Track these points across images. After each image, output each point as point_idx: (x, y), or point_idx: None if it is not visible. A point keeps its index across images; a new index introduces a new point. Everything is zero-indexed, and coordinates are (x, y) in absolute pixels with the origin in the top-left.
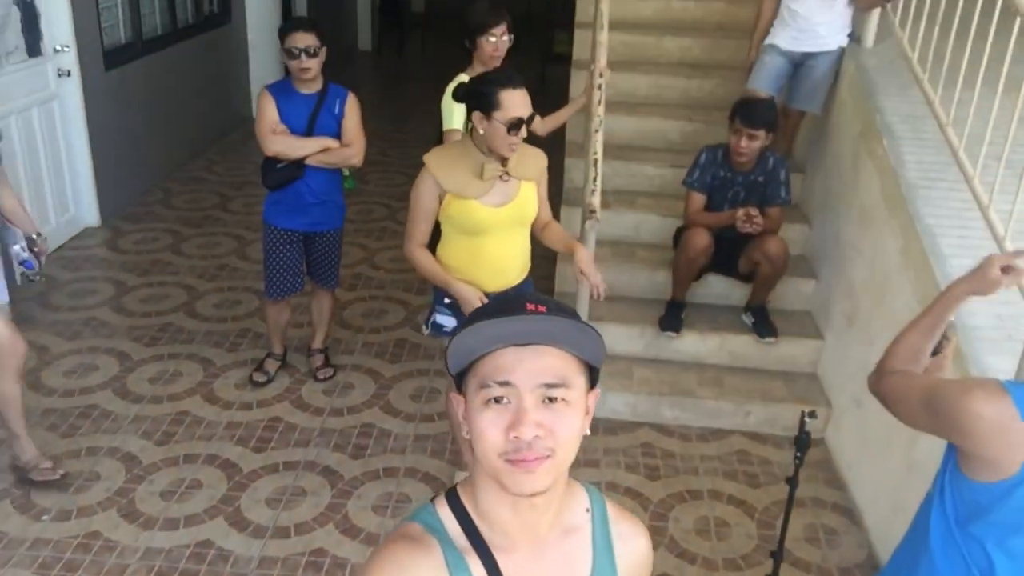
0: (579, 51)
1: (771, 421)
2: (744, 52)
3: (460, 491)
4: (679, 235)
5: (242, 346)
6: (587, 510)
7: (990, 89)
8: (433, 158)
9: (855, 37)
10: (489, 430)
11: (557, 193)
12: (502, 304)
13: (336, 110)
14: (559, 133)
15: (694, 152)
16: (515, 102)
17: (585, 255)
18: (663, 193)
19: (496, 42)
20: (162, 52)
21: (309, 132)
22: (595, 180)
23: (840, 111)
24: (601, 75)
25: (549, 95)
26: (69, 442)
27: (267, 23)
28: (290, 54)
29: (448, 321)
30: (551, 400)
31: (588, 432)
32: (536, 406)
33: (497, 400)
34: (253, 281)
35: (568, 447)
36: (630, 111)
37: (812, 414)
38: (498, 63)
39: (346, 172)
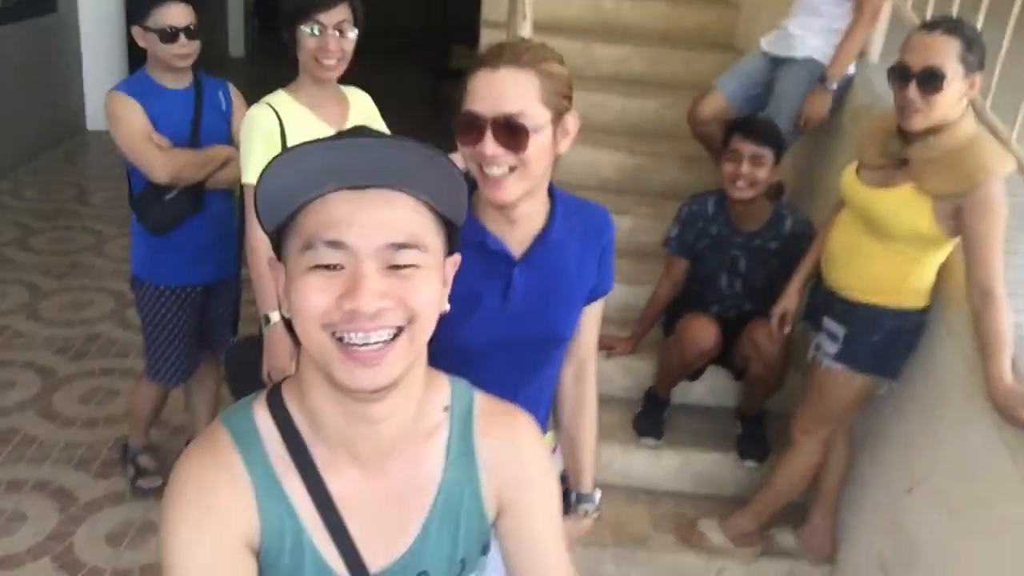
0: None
1: None
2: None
3: (285, 389)
4: (675, 313)
5: None
6: (445, 409)
7: None
8: None
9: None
10: (312, 294)
11: None
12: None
13: (223, 107)
14: None
15: (632, 195)
16: None
17: None
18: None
19: (322, 36)
20: None
21: (195, 141)
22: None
23: (838, 140)
24: None
25: (445, 113)
26: None
27: (105, 13)
28: (163, 35)
29: None
30: (398, 267)
31: (447, 307)
32: (380, 272)
33: (328, 267)
34: (39, 353)
35: (427, 320)
36: None
37: None
38: (331, 72)
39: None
